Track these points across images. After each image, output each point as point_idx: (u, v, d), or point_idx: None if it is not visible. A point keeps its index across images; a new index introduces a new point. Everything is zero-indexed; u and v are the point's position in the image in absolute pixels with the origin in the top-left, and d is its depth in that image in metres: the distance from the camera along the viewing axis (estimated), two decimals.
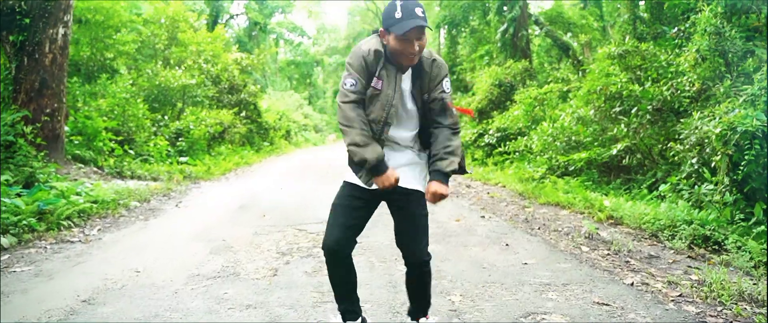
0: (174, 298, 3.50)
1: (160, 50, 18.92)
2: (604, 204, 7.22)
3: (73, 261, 4.48)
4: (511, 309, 3.29)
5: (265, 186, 10.10)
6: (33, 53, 8.69)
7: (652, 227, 6.07)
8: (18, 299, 3.49)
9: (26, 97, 8.64)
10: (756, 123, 5.71)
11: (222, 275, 4.04)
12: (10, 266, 4.30)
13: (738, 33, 7.56)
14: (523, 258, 4.60)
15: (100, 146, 10.50)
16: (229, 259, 4.52)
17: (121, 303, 3.41)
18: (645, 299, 3.49)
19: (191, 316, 3.17)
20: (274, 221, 6.31)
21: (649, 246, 5.41)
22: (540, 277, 3.98)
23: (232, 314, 3.21)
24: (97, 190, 7.21)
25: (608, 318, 3.14)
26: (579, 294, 3.58)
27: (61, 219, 5.76)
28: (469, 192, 9.43)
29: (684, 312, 3.25)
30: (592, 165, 9.83)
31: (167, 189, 8.92)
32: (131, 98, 13.05)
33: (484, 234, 5.69)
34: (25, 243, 5.06)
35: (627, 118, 9.24)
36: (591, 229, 5.77)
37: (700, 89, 8.13)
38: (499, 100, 17.39)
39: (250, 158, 17.29)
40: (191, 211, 7.18)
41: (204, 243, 5.17)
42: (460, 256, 4.66)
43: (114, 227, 6.02)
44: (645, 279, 4.01)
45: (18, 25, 8.68)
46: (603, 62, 10.14)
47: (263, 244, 5.09)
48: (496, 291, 3.63)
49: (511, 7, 19.77)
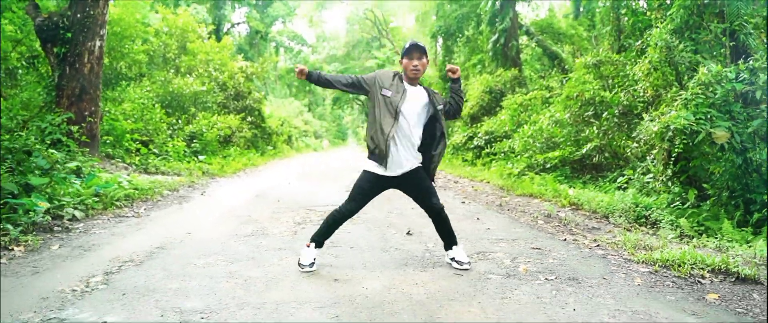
0: (223, 246, 4.77)
1: (170, 59, 20.22)
2: (569, 193, 8.47)
3: (134, 228, 5.73)
4: (468, 250, 4.57)
5: (275, 182, 11.38)
6: (74, 63, 9.96)
7: (605, 210, 7.31)
8: (107, 247, 4.74)
9: (68, 102, 9.91)
10: (684, 122, 6.95)
11: (255, 234, 5.32)
12: (89, 230, 5.54)
13: (689, 46, 8.79)
14: (488, 226, 5.88)
15: (126, 145, 11.78)
16: (258, 227, 5.79)
17: (186, 249, 4.68)
18: (569, 247, 4.77)
19: (240, 255, 4.43)
20: (288, 205, 7.57)
21: (597, 223, 6.64)
22: (497, 236, 5.27)
23: (269, 252, 4.49)
24: (135, 180, 8.46)
25: (536, 255, 4.42)
26: (522, 244, 4.87)
27: (114, 200, 7.02)
28: (456, 187, 10.70)
29: (593, 253, 4.53)
30: (566, 163, 11.11)
31: (191, 181, 10.20)
32: (149, 103, 14.37)
33: (462, 213, 6.96)
34: (91, 216, 6.30)
35: (598, 121, 10.54)
36: (550, 210, 7.03)
37: (654, 95, 9.39)
38: (489, 106, 18.63)
39: (256, 160, 18.55)
40: (216, 198, 8.44)
41: (234, 218, 6.43)
42: None
43: (156, 208, 7.28)
44: (577, 238, 5.27)
45: (61, 38, 9.96)
46: (580, 71, 11.44)
47: (282, 218, 6.36)
48: (460, 243, 4.89)
49: (502, 19, 20.95)
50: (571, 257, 4.37)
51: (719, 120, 6.86)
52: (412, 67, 3.88)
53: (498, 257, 4.35)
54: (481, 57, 23.76)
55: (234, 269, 3.96)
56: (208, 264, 4.10)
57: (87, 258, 4.32)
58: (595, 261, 4.25)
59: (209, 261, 4.21)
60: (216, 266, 4.06)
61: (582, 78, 11.22)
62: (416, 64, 3.87)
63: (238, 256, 4.39)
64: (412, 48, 3.87)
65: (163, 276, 3.77)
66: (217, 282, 3.62)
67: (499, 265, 4.09)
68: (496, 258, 4.30)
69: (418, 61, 3.87)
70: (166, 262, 4.16)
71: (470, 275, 3.81)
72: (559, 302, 3.23)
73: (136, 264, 4.08)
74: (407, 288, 3.46)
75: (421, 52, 3.88)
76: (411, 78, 3.93)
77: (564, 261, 4.23)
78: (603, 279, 3.71)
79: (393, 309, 3.09)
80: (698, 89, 7.26)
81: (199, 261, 4.21)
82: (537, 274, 3.81)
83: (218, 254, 4.45)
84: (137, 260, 4.23)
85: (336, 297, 3.29)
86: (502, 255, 4.42)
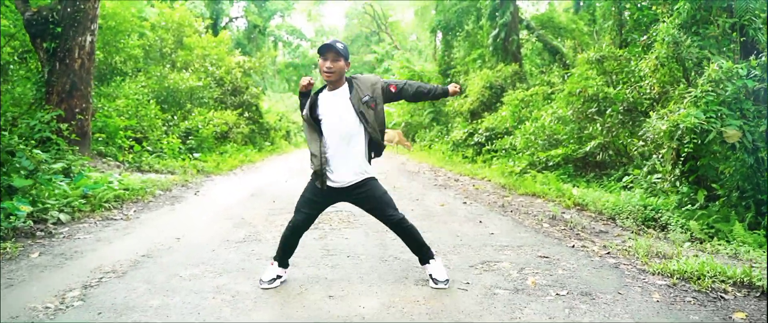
0: (213, 253, 4.51)
1: (167, 54, 19.91)
2: (573, 193, 8.22)
3: (122, 233, 5.47)
4: (472, 259, 4.31)
5: (271, 180, 11.11)
6: (64, 58, 9.68)
7: (611, 211, 7.06)
8: (90, 255, 4.48)
9: (58, 98, 9.62)
10: (694, 120, 6.69)
11: (247, 240, 5.05)
12: (73, 235, 5.28)
13: (697, 42, 8.53)
14: (491, 230, 5.62)
15: (119, 143, 11.50)
16: (251, 231, 5.53)
17: (174, 256, 4.42)
18: (578, 255, 4.51)
19: (230, 265, 4.17)
20: (284, 205, 7.31)
21: (603, 225, 6.39)
22: (501, 242, 5.01)
23: (261, 262, 4.23)
24: (126, 180, 8.19)
25: (545, 265, 4.16)
26: (528, 252, 4.60)
27: (102, 201, 6.76)
28: (456, 185, 10.43)
29: (604, 262, 4.27)
30: (569, 161, 10.85)
31: (185, 180, 9.93)
32: (144, 99, 14.08)
33: (463, 215, 6.70)
34: (77, 219, 6.04)
35: (602, 118, 10.28)
36: (554, 211, 6.77)
37: (661, 92, 9.13)
38: (489, 102, 18.37)
39: (253, 157, 18.28)
40: (209, 198, 8.17)
41: (227, 220, 6.17)
42: (440, 230, 5.66)
43: (146, 209, 7.01)
44: (586, 244, 5.02)
45: (50, 33, 9.67)
46: (583, 66, 11.17)
47: (277, 221, 6.10)
48: (463, 250, 4.65)
49: (503, 13, 20.67)
50: (581, 267, 4.11)
51: (730, 118, 6.61)
52: (324, 69, 3.47)
53: (504, 267, 4.09)
54: (481, 52, 23.49)
55: (222, 282, 3.70)
56: (195, 276, 3.83)
57: (67, 268, 4.06)
58: (607, 272, 3.99)
59: (196, 272, 3.95)
60: (203, 278, 3.80)
61: (585, 74, 10.95)
62: (329, 65, 3.45)
63: (227, 266, 4.13)
64: (324, 48, 3.46)
65: (145, 290, 3.50)
66: (203, 298, 3.36)
67: (505, 278, 3.82)
68: (502, 269, 4.04)
69: (331, 63, 3.45)
70: (150, 273, 3.90)
71: (475, 290, 3.54)
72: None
73: (118, 276, 3.82)
74: (408, 308, 3.19)
75: (336, 52, 3.45)
76: (328, 81, 3.54)
77: (574, 272, 3.96)
78: (618, 294, 3.45)
79: None
80: (708, 86, 7.01)
81: (185, 272, 3.94)
82: (547, 288, 3.55)
83: (207, 263, 4.19)
84: (120, 270, 3.97)
85: (330, 318, 3.03)
86: (509, 265, 4.16)
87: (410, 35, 49.12)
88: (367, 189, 3.56)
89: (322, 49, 3.46)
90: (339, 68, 3.47)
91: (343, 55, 3.47)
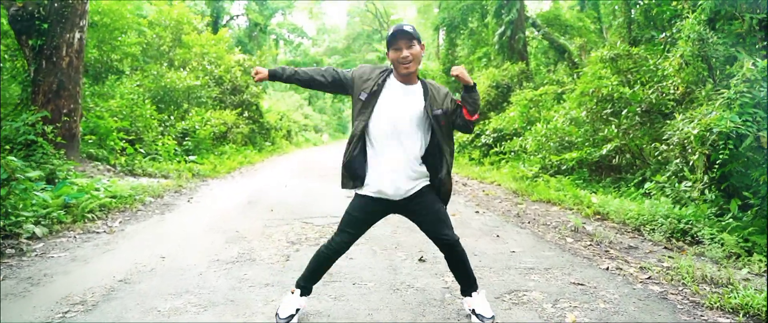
0: (200, 278, 3.95)
1: (164, 52, 19.37)
2: (592, 201, 7.68)
3: (102, 249, 4.93)
4: (497, 287, 3.75)
5: (270, 183, 10.56)
6: (51, 56, 9.13)
7: (635, 222, 6.52)
8: (61, 279, 3.94)
9: (44, 99, 9.08)
10: (730, 124, 6.14)
11: (240, 260, 4.50)
12: (47, 252, 4.75)
13: (721, 39, 7.99)
14: (511, 247, 5.06)
15: (111, 145, 10.96)
16: (245, 247, 4.98)
17: (154, 281, 3.87)
18: (616, 280, 3.96)
19: (217, 293, 3.62)
20: (282, 215, 6.76)
21: (630, 238, 5.85)
22: (525, 263, 4.45)
23: (253, 290, 3.67)
24: (114, 186, 7.65)
25: (581, 295, 3.60)
26: (558, 276, 4.05)
27: (85, 212, 6.21)
28: (465, 190, 9.88)
29: (649, 291, 3.71)
30: (584, 165, 10.29)
31: (178, 185, 9.37)
32: (139, 99, 13.53)
33: (478, 227, 6.15)
34: (55, 233, 5.50)
35: (617, 119, 9.72)
36: (577, 223, 6.23)
37: (685, 92, 8.57)
38: (496, 102, 17.83)
39: (253, 157, 17.73)
40: (203, 206, 7.62)
41: (219, 233, 5.62)
42: None
43: (133, 220, 6.47)
44: (620, 265, 4.47)
45: (37, 30, 9.13)
46: (595, 65, 10.60)
47: (274, 235, 5.54)
48: (484, 274, 4.09)
49: (509, 10, 20.15)
50: (623, 298, 3.56)
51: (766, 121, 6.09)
52: (401, 60, 2.87)
53: (535, 299, 3.53)
54: (486, 50, 22.95)
55: (206, 319, 3.15)
56: (175, 310, 3.28)
57: (31, 297, 3.52)
58: (656, 305, 3.43)
59: (177, 305, 3.39)
60: (185, 313, 3.24)
61: (598, 72, 10.38)
62: (406, 54, 2.86)
63: (214, 297, 3.57)
64: (397, 35, 2.86)
65: None
66: None
67: (539, 314, 3.25)
68: (534, 301, 3.47)
69: (407, 50, 2.86)
70: (123, 306, 3.35)
71: None
72: None
73: (86, 310, 3.28)
74: None
75: (409, 37, 2.86)
76: (404, 75, 2.94)
77: (618, 305, 3.40)
78: None
79: None
80: (743, 87, 6.46)
81: (164, 304, 3.39)
82: None
83: (191, 292, 3.64)
84: (90, 301, 3.43)
85: None
86: (540, 295, 3.60)
87: None
88: (424, 200, 3.00)
89: (392, 37, 2.87)
90: (417, 54, 2.89)
91: (417, 36, 2.90)
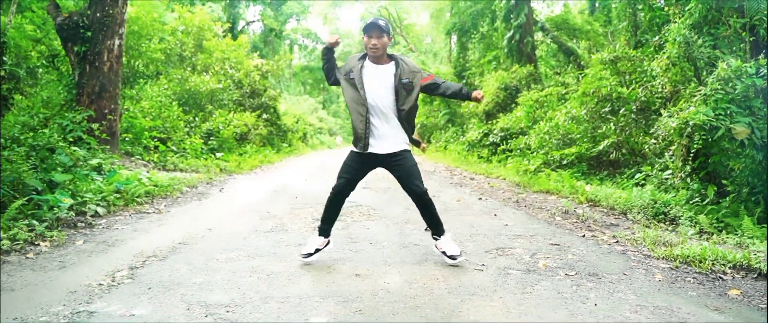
0: (245, 241, 4.83)
1: (187, 57, 20.38)
2: (586, 190, 8.44)
3: (156, 224, 5.82)
4: (487, 247, 4.59)
5: (292, 178, 11.45)
6: (94, 61, 10.09)
7: (622, 207, 7.28)
8: (131, 242, 4.82)
9: (88, 100, 10.04)
10: (703, 117, 6.89)
11: (275, 230, 5.38)
12: (111, 226, 5.64)
13: (707, 41, 8.71)
14: (505, 222, 5.89)
15: (145, 143, 11.92)
16: (277, 222, 5.84)
17: (208, 243, 4.74)
18: (588, 243, 4.78)
19: (261, 250, 4.49)
20: (306, 201, 7.63)
21: (614, 219, 6.62)
22: (515, 232, 5.28)
23: (289, 248, 4.54)
24: (155, 177, 8.56)
25: (556, 251, 4.43)
26: (540, 240, 4.87)
27: (134, 196, 7.12)
28: (472, 183, 10.69)
29: (612, 249, 4.53)
30: (582, 159, 11.06)
31: (209, 178, 10.30)
32: (166, 101, 14.52)
33: (479, 209, 6.97)
34: (112, 212, 6.40)
35: (615, 117, 10.49)
36: (567, 206, 7.01)
37: (673, 91, 9.32)
38: (504, 103, 18.59)
39: (272, 157, 18.66)
40: (234, 194, 8.51)
41: (253, 213, 6.50)
42: (456, 222, 5.94)
43: (175, 204, 7.37)
44: (596, 234, 5.27)
45: (81, 37, 10.09)
46: (596, 67, 11.38)
47: (301, 214, 6.41)
48: (479, 238, 4.93)
49: (517, 15, 20.86)
50: (590, 253, 4.37)
51: (739, 115, 6.79)
52: (370, 46, 3.92)
53: (517, 253, 4.37)
54: (496, 53, 23.68)
55: (256, 264, 4.02)
56: (231, 259, 4.15)
57: (111, 253, 4.40)
58: (614, 257, 4.25)
59: (231, 256, 4.27)
60: (238, 261, 4.12)
61: (598, 74, 11.16)
62: (375, 42, 3.89)
63: (259, 251, 4.44)
64: (371, 27, 3.89)
65: (187, 270, 3.83)
66: (241, 276, 3.67)
67: (518, 261, 4.10)
68: (516, 254, 4.31)
69: (377, 40, 3.89)
70: (189, 257, 4.23)
71: (490, 270, 3.83)
72: (580, 297, 3.24)
73: (159, 259, 4.15)
74: (428, 283, 3.49)
75: (380, 30, 3.88)
76: (373, 56, 3.98)
77: (583, 257, 4.23)
78: (623, 274, 3.72)
79: (415, 303, 3.12)
80: (718, 84, 7.19)
81: (221, 256, 4.27)
82: (557, 270, 3.82)
83: (240, 249, 4.51)
84: (161, 255, 4.30)
85: (358, 292, 3.33)
86: (521, 251, 4.43)
87: (425, 38, 49.40)
88: (401, 159, 3.98)
89: (366, 27, 3.89)
90: (383, 44, 3.91)
91: (386, 30, 3.91)
